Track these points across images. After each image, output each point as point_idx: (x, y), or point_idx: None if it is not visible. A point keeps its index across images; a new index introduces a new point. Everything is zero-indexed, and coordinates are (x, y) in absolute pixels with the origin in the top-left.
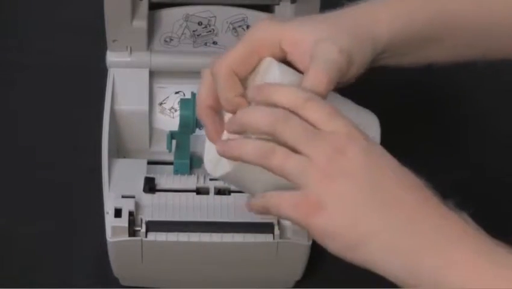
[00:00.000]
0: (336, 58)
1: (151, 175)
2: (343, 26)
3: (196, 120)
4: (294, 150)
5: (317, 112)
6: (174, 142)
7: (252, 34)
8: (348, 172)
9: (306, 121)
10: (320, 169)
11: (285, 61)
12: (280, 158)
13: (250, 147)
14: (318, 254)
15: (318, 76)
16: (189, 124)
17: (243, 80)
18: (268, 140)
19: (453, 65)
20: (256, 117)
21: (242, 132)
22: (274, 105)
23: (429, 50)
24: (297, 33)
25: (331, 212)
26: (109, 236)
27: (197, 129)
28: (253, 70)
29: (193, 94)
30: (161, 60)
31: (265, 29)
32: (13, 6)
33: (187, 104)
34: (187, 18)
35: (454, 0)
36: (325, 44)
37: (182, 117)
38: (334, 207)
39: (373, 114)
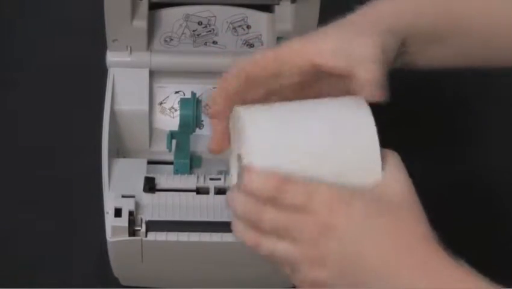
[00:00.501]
0: (381, 59)
1: (151, 175)
2: (367, 27)
3: (196, 119)
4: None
5: (291, 198)
6: (174, 142)
7: (282, 46)
8: (330, 257)
9: (285, 207)
10: (307, 255)
11: (316, 72)
12: (267, 247)
13: (240, 234)
14: None
15: (373, 88)
16: (189, 124)
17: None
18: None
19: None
20: (237, 207)
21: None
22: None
23: (435, 50)
24: (326, 44)
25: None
26: (109, 236)
27: (197, 129)
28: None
29: (193, 94)
30: (161, 60)
31: (293, 45)
32: (13, 6)
33: (187, 104)
34: (187, 18)
35: (461, 0)
36: (366, 45)
37: (182, 117)
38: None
39: (359, 98)
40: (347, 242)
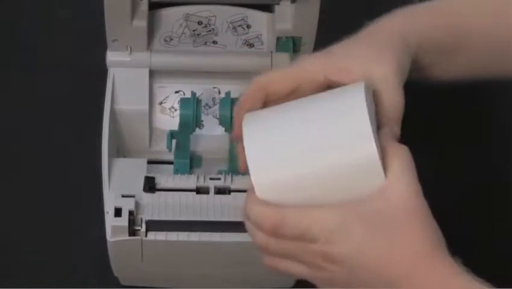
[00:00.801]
0: (395, 78)
1: (151, 174)
2: (383, 42)
3: (196, 119)
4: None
5: (290, 230)
6: (174, 141)
7: (299, 63)
8: (337, 277)
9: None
10: (316, 275)
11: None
12: (283, 267)
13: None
14: None
15: (395, 99)
16: (189, 124)
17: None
18: None
19: None
20: (248, 233)
21: None
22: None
23: (449, 63)
24: (343, 61)
25: None
26: (109, 236)
27: (197, 129)
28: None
29: (193, 94)
30: (161, 60)
31: (311, 63)
32: (13, 6)
33: (187, 103)
34: (186, 17)
35: (472, 15)
36: (380, 68)
37: (182, 117)
38: None
39: (359, 84)
40: (350, 265)
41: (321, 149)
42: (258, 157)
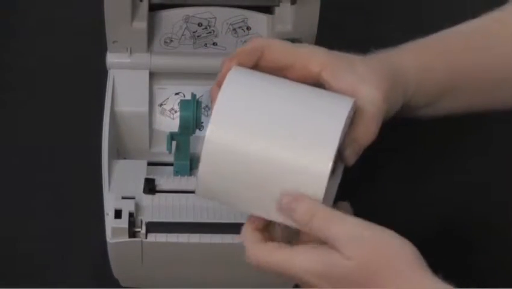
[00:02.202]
0: (382, 107)
1: (151, 176)
2: (382, 71)
3: (196, 121)
4: None
5: (316, 228)
6: (174, 143)
7: (301, 46)
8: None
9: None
10: None
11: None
12: None
13: None
14: None
15: (370, 129)
16: (189, 126)
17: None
18: None
19: None
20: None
21: None
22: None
23: (447, 101)
24: (342, 68)
25: None
26: (109, 238)
27: (197, 130)
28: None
29: (193, 95)
30: (161, 61)
31: (314, 52)
32: (13, 7)
33: (187, 105)
34: (187, 19)
35: (468, 52)
36: (371, 91)
37: (182, 118)
38: None
39: (349, 100)
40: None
41: (284, 139)
42: (225, 110)
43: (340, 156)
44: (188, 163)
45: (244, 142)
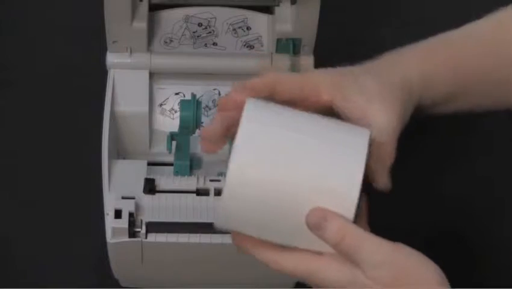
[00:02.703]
0: (397, 127)
1: (151, 176)
2: (391, 86)
3: (196, 121)
4: None
5: (346, 249)
6: (174, 143)
7: (309, 76)
8: None
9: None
10: None
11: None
12: None
13: None
14: None
15: (389, 151)
16: (189, 126)
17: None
18: None
19: None
20: None
21: None
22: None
23: (453, 104)
24: (352, 92)
25: None
26: (109, 238)
27: (197, 130)
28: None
29: (193, 95)
30: (161, 61)
31: (322, 80)
32: (13, 7)
33: (187, 105)
34: (187, 19)
35: (473, 56)
36: (383, 115)
37: (182, 118)
38: None
39: (365, 130)
40: None
41: (309, 164)
42: (246, 143)
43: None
44: (188, 163)
45: (269, 172)
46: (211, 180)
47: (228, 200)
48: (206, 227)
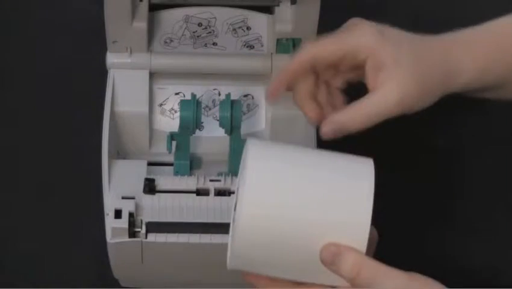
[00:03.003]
0: (390, 111)
1: (151, 176)
2: (426, 69)
3: (196, 121)
4: None
5: (362, 283)
6: (174, 143)
7: (350, 35)
8: None
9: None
10: None
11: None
12: None
13: None
14: None
15: (357, 121)
16: (189, 126)
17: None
18: None
19: None
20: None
21: None
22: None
23: (497, 93)
24: (382, 60)
25: None
26: (109, 238)
27: (197, 130)
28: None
29: (193, 95)
30: (161, 61)
31: (362, 38)
32: (13, 8)
33: (187, 105)
34: (187, 19)
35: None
36: (390, 93)
37: (182, 118)
38: None
39: (369, 160)
40: None
41: (318, 200)
42: (254, 185)
43: None
44: (188, 163)
45: (279, 211)
46: (211, 180)
47: (240, 244)
48: (206, 227)
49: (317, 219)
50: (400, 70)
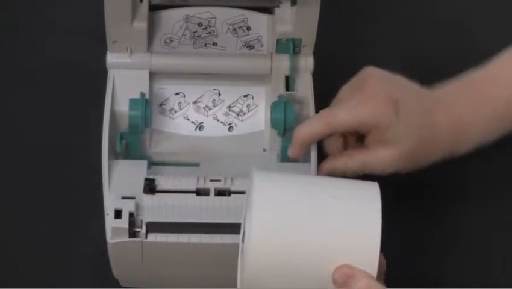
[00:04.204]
0: (386, 170)
1: (151, 176)
2: (418, 137)
3: (145, 119)
4: None
5: None
6: (124, 142)
7: (363, 106)
8: None
9: None
10: None
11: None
12: None
13: None
14: None
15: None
16: (138, 125)
17: None
18: None
19: None
20: None
21: None
22: None
23: (492, 137)
24: (382, 133)
25: None
26: (109, 238)
27: (197, 130)
28: None
29: (142, 94)
30: (161, 61)
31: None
32: (13, 8)
33: (136, 104)
34: (187, 19)
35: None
36: (385, 156)
37: (130, 117)
38: None
39: (374, 184)
40: None
41: (327, 226)
42: (262, 215)
43: None
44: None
45: (288, 239)
46: (211, 180)
47: (251, 272)
48: (207, 227)
49: (328, 243)
50: (403, 147)
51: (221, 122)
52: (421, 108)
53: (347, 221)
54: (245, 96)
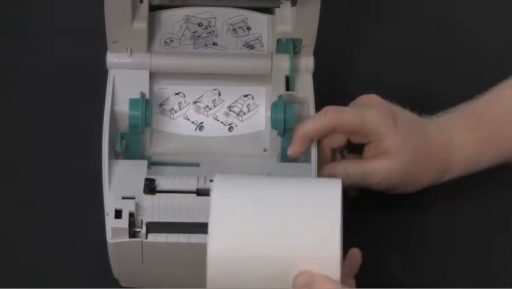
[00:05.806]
0: (381, 183)
1: (151, 176)
2: (420, 161)
3: (145, 119)
4: None
5: None
6: (124, 142)
7: (367, 114)
8: None
9: None
10: None
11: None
12: None
13: None
14: None
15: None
16: (138, 125)
17: None
18: None
19: None
20: None
21: None
22: None
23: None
24: (386, 142)
25: None
26: (110, 238)
27: (197, 130)
28: None
29: (142, 94)
30: (161, 61)
31: (373, 122)
32: (13, 8)
33: (136, 104)
34: (187, 19)
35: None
36: (384, 167)
37: (130, 118)
38: None
39: (336, 181)
40: None
41: (286, 229)
42: (221, 221)
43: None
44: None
45: (248, 245)
46: (211, 180)
47: (213, 280)
48: (206, 227)
49: (287, 249)
50: (400, 160)
51: (222, 122)
52: (417, 128)
53: (307, 224)
54: (245, 96)
